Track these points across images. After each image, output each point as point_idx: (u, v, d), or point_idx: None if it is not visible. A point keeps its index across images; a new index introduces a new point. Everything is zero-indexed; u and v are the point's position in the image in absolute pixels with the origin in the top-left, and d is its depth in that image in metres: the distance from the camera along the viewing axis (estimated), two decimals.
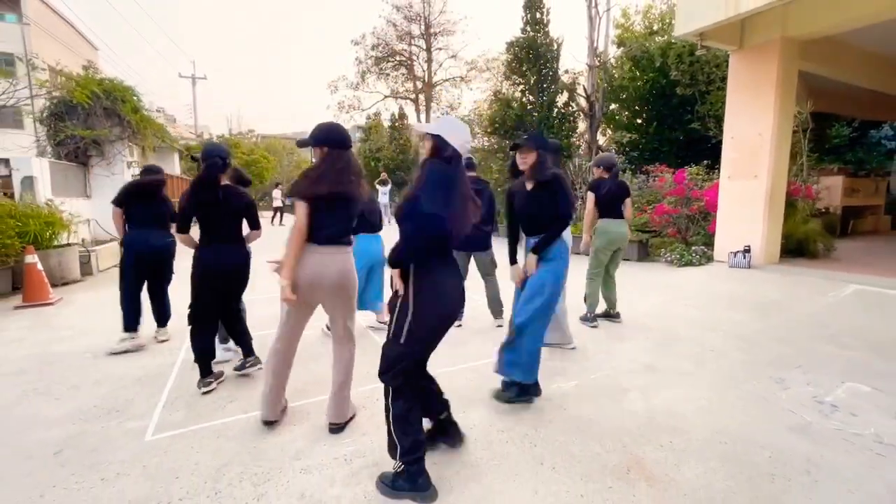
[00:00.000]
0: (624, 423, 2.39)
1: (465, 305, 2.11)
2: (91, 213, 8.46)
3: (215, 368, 2.96)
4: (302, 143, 2.29)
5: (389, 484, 1.83)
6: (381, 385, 1.87)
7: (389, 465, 1.92)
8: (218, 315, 2.95)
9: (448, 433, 2.14)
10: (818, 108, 9.83)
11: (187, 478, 1.98)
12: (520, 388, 2.58)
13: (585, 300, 4.04)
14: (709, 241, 6.87)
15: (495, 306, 4.10)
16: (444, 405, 2.12)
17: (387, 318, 1.91)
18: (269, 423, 2.37)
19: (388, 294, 2.24)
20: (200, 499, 1.84)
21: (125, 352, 3.58)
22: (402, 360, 1.79)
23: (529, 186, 2.65)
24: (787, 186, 6.37)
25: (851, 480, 1.90)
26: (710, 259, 6.62)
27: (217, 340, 3.13)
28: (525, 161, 2.63)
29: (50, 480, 1.99)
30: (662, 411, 2.51)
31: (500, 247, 3.41)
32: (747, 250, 6.00)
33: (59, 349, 3.73)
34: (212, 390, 2.81)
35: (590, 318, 4.01)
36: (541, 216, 2.60)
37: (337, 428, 2.32)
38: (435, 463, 2.05)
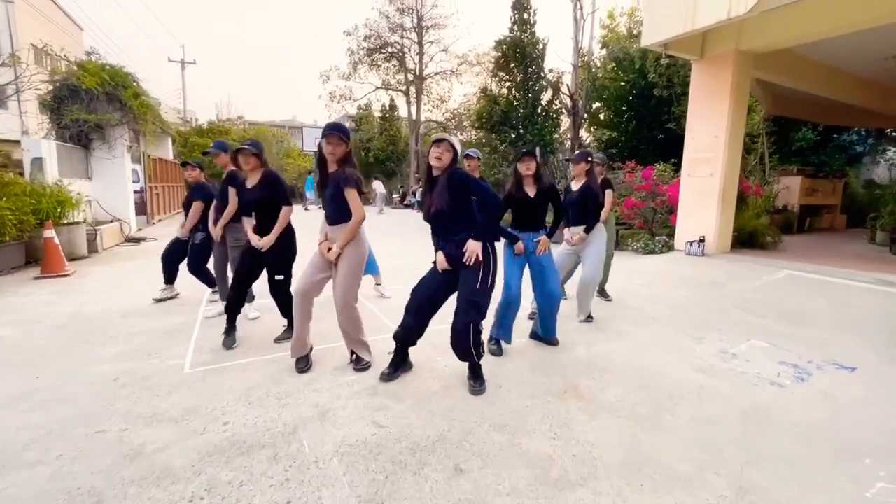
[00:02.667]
0: (568, 364, 3.03)
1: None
2: (92, 194, 8.82)
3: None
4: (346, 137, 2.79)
5: (480, 381, 2.62)
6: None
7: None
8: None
9: (406, 362, 2.88)
10: (782, 112, 10.62)
11: (225, 395, 2.56)
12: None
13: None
14: (671, 233, 7.57)
15: None
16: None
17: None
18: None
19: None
20: (238, 406, 2.42)
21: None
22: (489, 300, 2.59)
23: (532, 192, 3.24)
24: (740, 184, 7.08)
25: (727, 398, 2.57)
26: (671, 248, 7.33)
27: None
28: (529, 168, 3.22)
29: (116, 397, 2.54)
30: (600, 357, 3.15)
31: None
32: (702, 240, 6.71)
33: (90, 310, 4.23)
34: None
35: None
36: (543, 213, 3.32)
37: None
38: (418, 387, 2.66)
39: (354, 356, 2.94)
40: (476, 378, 2.65)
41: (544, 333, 3.40)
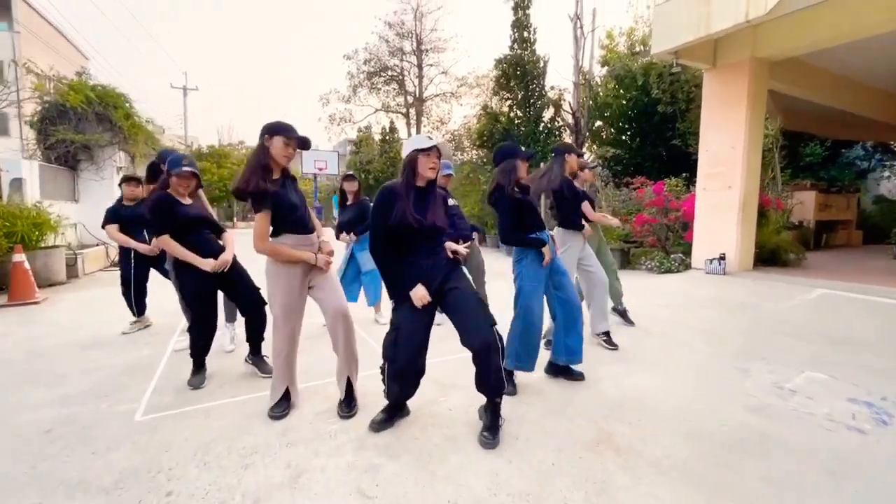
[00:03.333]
0: (595, 405, 2.52)
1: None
2: (78, 217, 8.45)
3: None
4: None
5: (495, 430, 2.12)
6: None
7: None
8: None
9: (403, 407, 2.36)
10: (791, 126, 10.32)
11: (176, 451, 2.06)
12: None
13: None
14: (687, 250, 7.11)
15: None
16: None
17: None
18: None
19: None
20: (189, 468, 1.92)
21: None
22: None
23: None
24: (759, 198, 6.67)
25: (800, 450, 2.06)
26: (688, 266, 6.85)
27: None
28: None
29: (41, 454, 2.05)
30: (632, 395, 2.65)
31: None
32: (722, 258, 6.24)
33: (46, 343, 3.76)
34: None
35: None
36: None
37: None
38: (416, 438, 2.17)
39: (345, 397, 2.44)
40: (493, 425, 2.13)
41: (568, 357, 2.82)
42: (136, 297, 4.07)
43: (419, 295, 2.05)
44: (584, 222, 3.48)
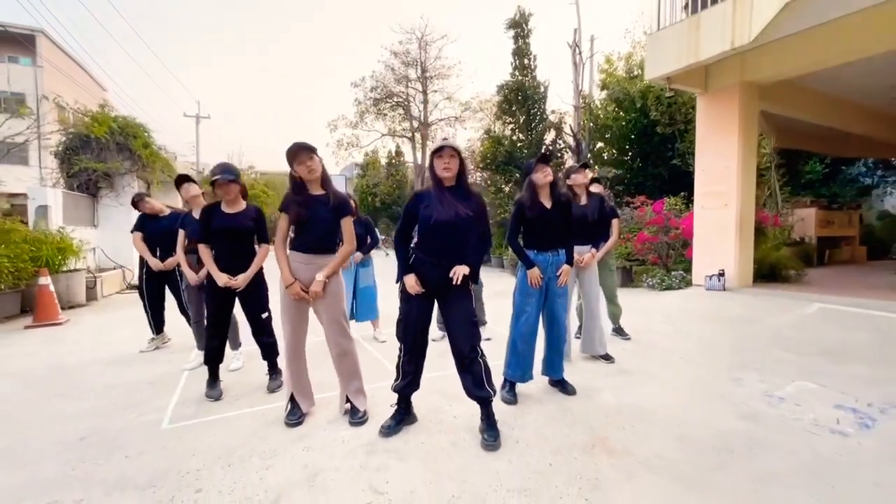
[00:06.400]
0: (593, 413, 2.66)
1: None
2: (97, 242, 8.77)
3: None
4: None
5: (495, 432, 2.30)
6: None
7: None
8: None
9: (410, 413, 2.57)
10: (787, 145, 10.53)
11: (202, 455, 2.23)
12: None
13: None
14: (688, 267, 7.25)
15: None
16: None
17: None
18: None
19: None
20: (215, 469, 2.09)
21: None
22: None
23: (549, 204, 2.83)
24: (756, 215, 6.83)
25: (784, 452, 2.19)
26: (688, 283, 6.98)
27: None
28: (547, 176, 2.77)
29: (79, 458, 2.23)
30: (629, 404, 2.79)
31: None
32: (721, 274, 6.37)
33: (72, 361, 3.97)
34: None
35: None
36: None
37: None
38: (423, 443, 2.32)
39: (349, 406, 2.61)
40: (490, 427, 2.31)
41: (548, 370, 3.04)
42: (151, 311, 4.23)
43: (410, 284, 2.34)
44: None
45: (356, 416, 2.55)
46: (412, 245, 2.43)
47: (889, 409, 2.66)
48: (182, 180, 3.66)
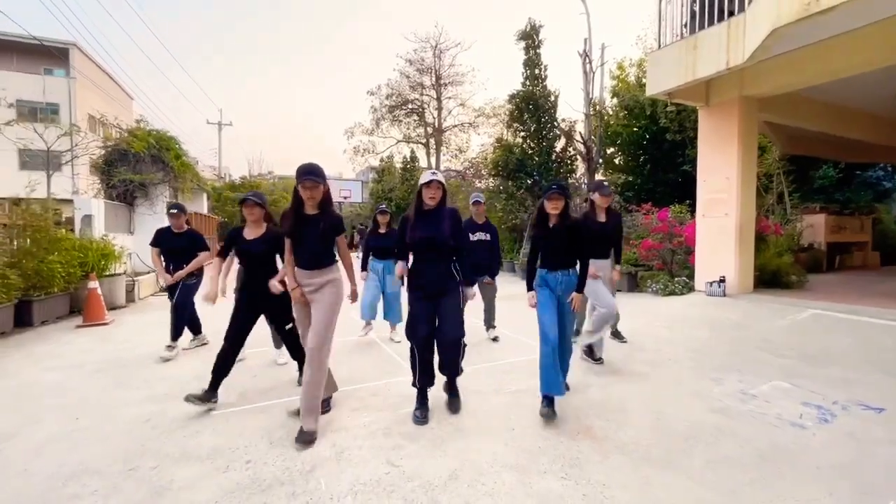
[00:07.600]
0: (582, 406, 3.03)
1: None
2: (133, 248, 9.43)
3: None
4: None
5: (457, 396, 3.03)
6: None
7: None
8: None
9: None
10: (798, 151, 10.64)
11: (248, 435, 2.68)
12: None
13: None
14: (692, 273, 7.51)
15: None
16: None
17: None
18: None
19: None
20: (260, 445, 2.54)
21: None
22: None
23: (559, 226, 2.93)
24: (757, 224, 7.06)
25: (744, 440, 2.53)
26: (691, 289, 7.24)
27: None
28: (556, 208, 2.88)
29: (147, 436, 2.69)
30: (615, 399, 3.15)
31: None
32: (722, 280, 6.63)
33: (125, 356, 4.48)
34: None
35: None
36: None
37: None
38: (432, 428, 2.73)
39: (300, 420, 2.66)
40: (453, 394, 3.02)
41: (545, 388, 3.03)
42: (173, 319, 4.48)
43: (399, 272, 3.02)
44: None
45: (302, 437, 2.53)
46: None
47: (851, 407, 2.97)
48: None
